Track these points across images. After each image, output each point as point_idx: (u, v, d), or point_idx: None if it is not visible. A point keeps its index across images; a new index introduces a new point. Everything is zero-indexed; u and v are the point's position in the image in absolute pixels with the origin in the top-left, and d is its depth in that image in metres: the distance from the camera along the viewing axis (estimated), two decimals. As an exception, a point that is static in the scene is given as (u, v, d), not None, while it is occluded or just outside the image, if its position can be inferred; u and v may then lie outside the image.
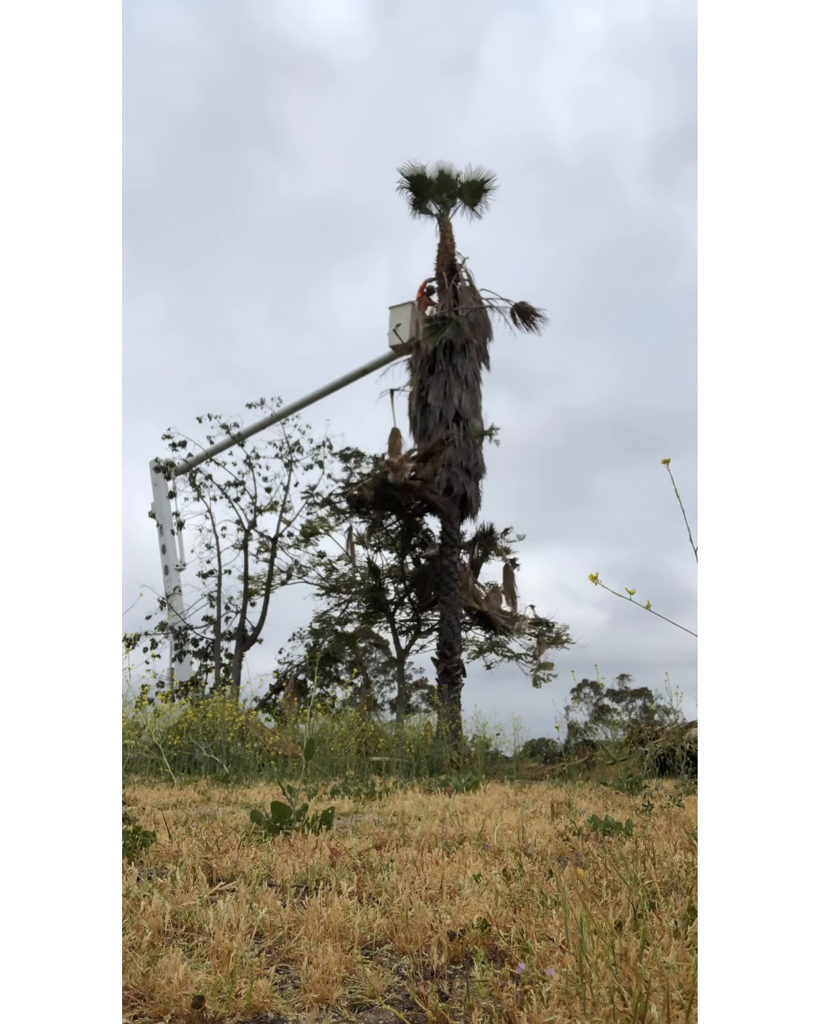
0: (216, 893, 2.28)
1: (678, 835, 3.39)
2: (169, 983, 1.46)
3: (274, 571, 17.36)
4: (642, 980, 1.25)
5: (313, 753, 4.27)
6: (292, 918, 1.93)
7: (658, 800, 5.14)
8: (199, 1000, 1.40)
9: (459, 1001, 1.44)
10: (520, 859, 2.77)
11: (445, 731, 10.79)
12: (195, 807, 4.98)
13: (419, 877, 2.42)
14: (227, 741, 9.17)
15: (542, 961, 1.57)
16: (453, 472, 15.85)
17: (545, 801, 5.28)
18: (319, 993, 1.49)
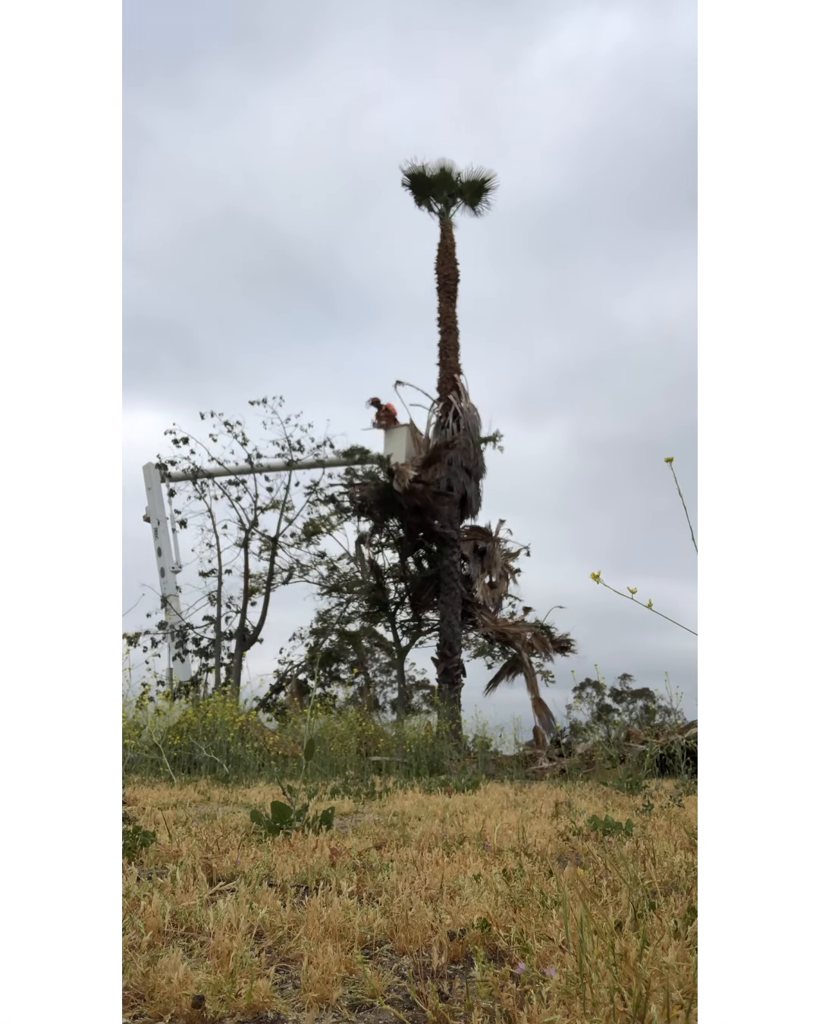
0: (216, 893, 2.27)
1: (678, 835, 3.39)
2: (169, 983, 1.45)
3: (275, 570, 17.36)
4: (642, 980, 1.25)
5: (313, 753, 4.27)
6: (292, 918, 1.93)
7: (658, 800, 5.13)
8: (199, 1000, 1.40)
9: (459, 1001, 1.44)
10: (520, 859, 2.77)
11: (445, 731, 10.79)
12: (195, 807, 4.98)
13: (419, 877, 2.42)
14: (227, 741, 9.16)
15: (542, 961, 1.57)
16: (453, 472, 15.86)
17: (545, 801, 5.28)
18: (319, 993, 1.49)
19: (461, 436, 16.10)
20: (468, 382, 16.98)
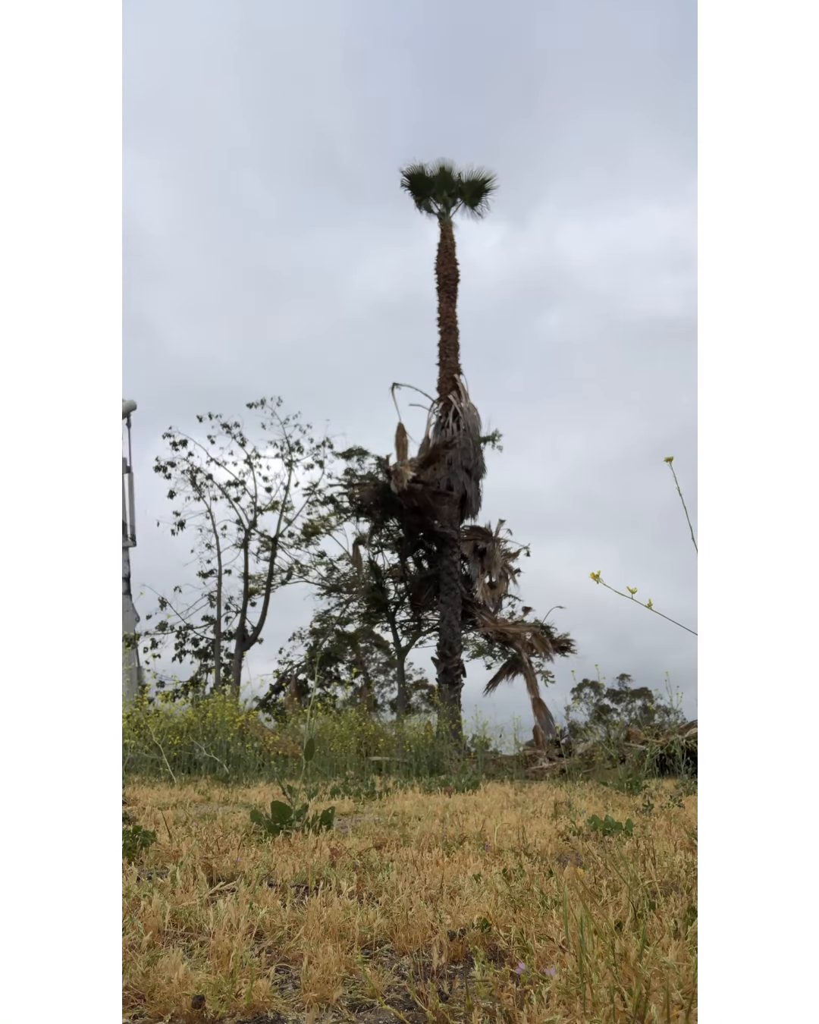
0: (216, 893, 2.28)
1: (678, 835, 3.39)
2: (169, 983, 1.45)
3: (274, 570, 17.38)
4: (642, 980, 1.25)
5: (313, 753, 4.27)
6: (292, 918, 1.93)
7: (658, 800, 5.13)
8: (199, 1000, 1.40)
9: (459, 1001, 1.44)
10: (520, 859, 2.77)
11: (445, 731, 10.79)
12: (195, 807, 4.98)
13: (419, 877, 2.42)
14: (227, 741, 9.17)
15: (542, 961, 1.57)
16: (453, 472, 15.86)
17: (545, 801, 5.28)
18: (319, 993, 1.49)
19: (461, 436, 16.11)
20: (468, 382, 16.99)
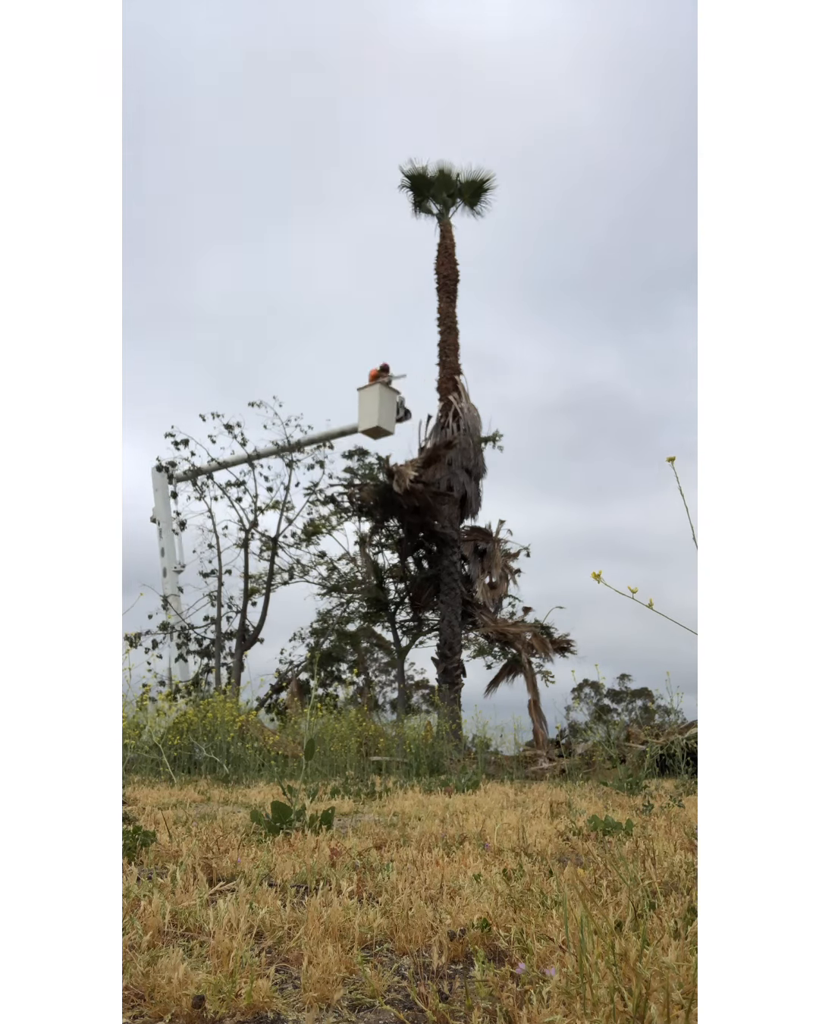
0: (216, 893, 2.28)
1: (678, 835, 3.39)
2: (169, 983, 1.45)
3: (275, 570, 17.38)
4: (642, 980, 1.25)
5: (313, 753, 4.27)
6: (292, 918, 1.93)
7: (658, 800, 5.13)
8: (199, 1000, 1.40)
9: (459, 1001, 1.44)
10: (520, 859, 2.77)
11: (445, 731, 10.79)
12: (195, 807, 4.98)
13: (419, 877, 2.42)
14: (227, 741, 9.17)
15: (542, 961, 1.57)
16: (453, 472, 15.86)
17: (545, 801, 5.28)
18: (319, 993, 1.49)
19: (461, 436, 16.11)
20: (468, 382, 16.99)
